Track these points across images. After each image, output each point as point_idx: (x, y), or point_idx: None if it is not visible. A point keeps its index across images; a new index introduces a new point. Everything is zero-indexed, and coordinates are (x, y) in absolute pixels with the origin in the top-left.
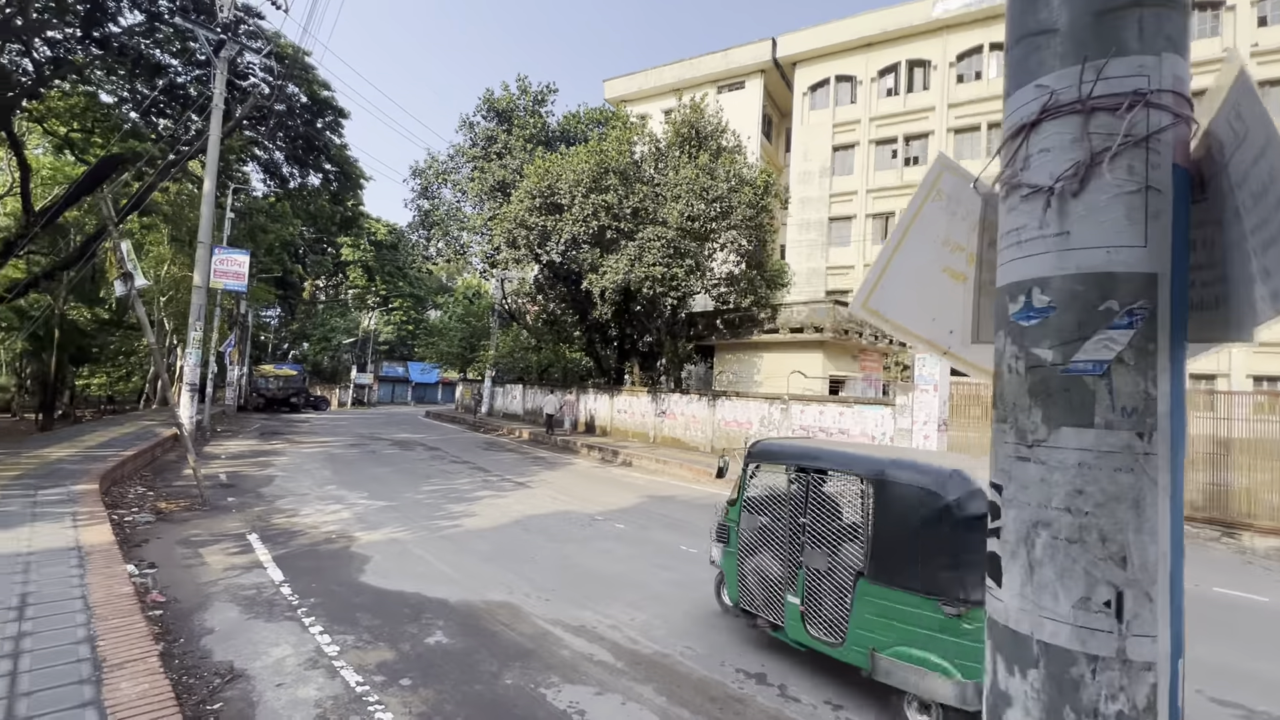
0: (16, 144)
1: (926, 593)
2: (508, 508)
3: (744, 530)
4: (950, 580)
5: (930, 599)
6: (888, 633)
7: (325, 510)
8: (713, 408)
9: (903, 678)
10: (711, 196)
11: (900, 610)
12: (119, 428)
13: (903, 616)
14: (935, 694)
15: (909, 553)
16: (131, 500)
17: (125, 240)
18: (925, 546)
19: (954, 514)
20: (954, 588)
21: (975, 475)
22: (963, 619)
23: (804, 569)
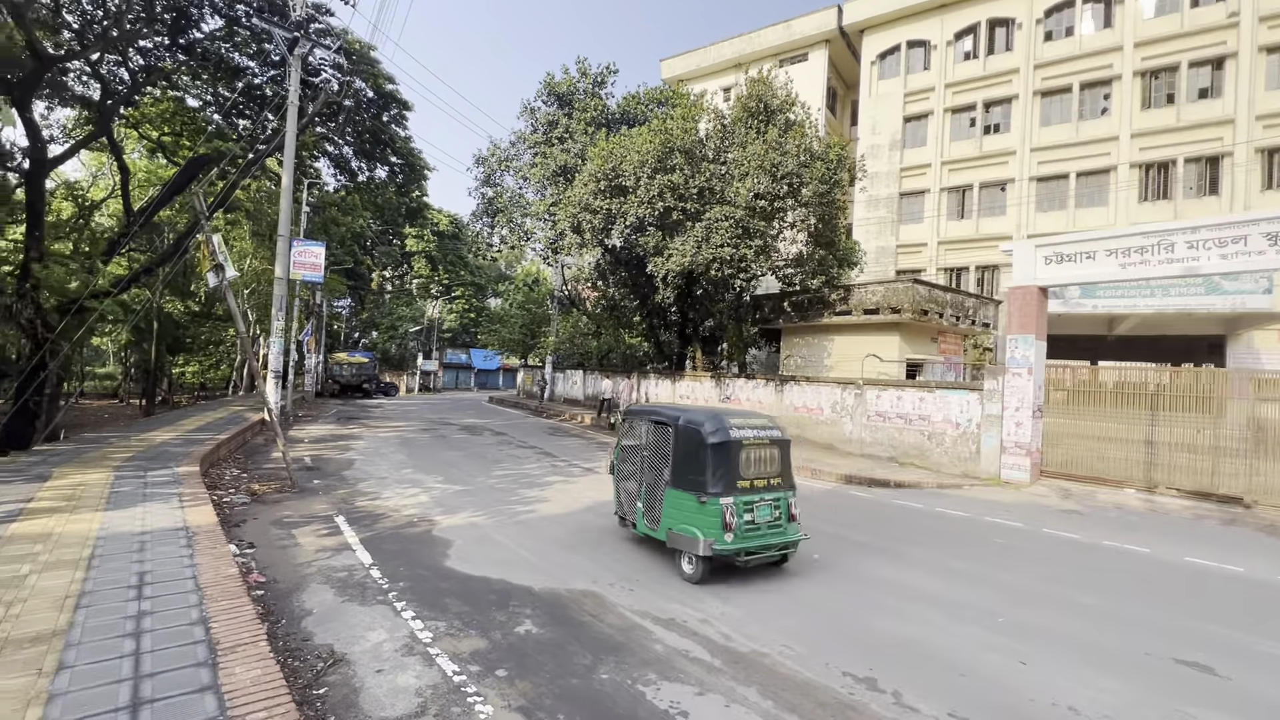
0: (117, 149)
1: (691, 490)
2: (579, 494)
3: (619, 465)
4: (701, 482)
5: (691, 494)
6: (675, 517)
7: (404, 494)
8: (780, 393)
9: (678, 541)
10: (781, 173)
11: (681, 503)
12: (212, 413)
13: (681, 506)
14: (693, 549)
15: (686, 468)
16: (228, 482)
17: (216, 233)
18: (692, 463)
19: (707, 442)
20: (703, 487)
21: (730, 420)
22: (706, 505)
23: (644, 485)
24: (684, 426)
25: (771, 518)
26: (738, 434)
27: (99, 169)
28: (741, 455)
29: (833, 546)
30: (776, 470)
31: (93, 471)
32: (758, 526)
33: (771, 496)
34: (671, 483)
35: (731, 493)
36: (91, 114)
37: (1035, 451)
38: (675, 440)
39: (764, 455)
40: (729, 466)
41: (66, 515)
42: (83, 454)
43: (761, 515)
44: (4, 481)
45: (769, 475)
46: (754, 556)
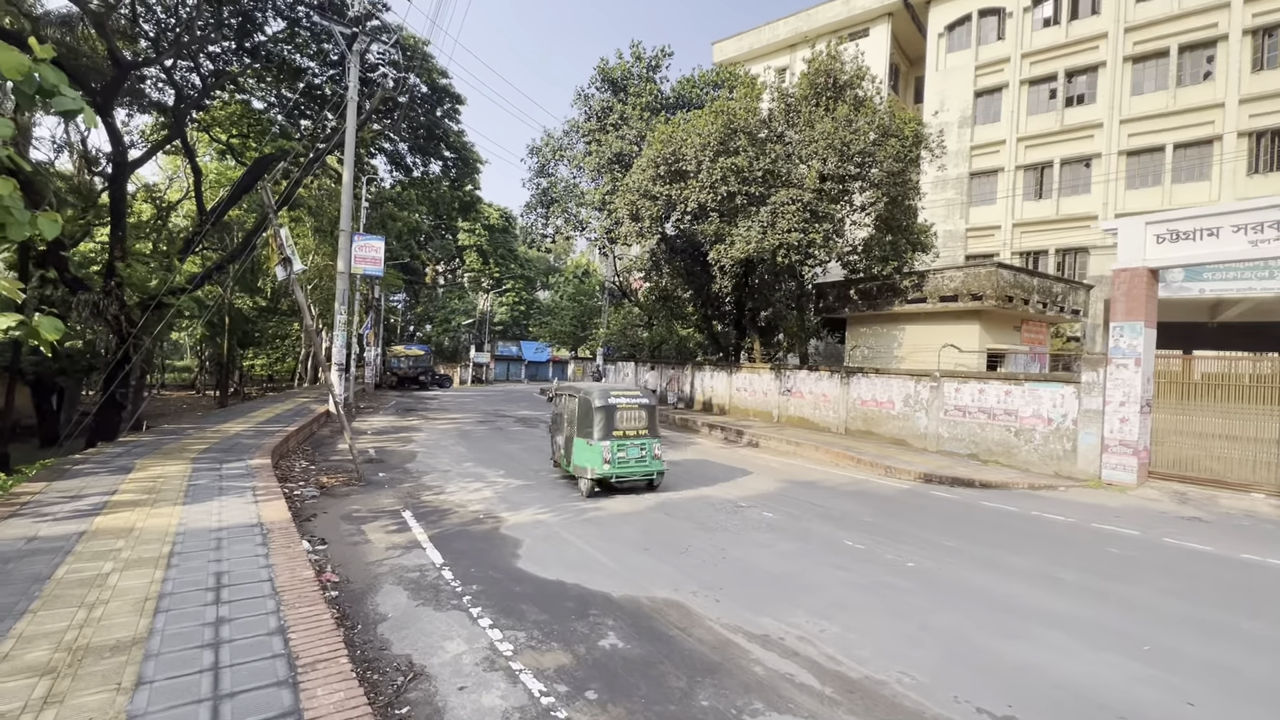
0: (190, 151)
1: (586, 437)
2: (643, 491)
3: (552, 425)
4: (591, 431)
5: (585, 440)
6: (578, 456)
7: (468, 488)
8: (846, 385)
9: (579, 471)
10: (852, 152)
11: (581, 446)
12: (280, 405)
13: (581, 448)
14: (584, 475)
15: (584, 423)
16: (298, 474)
17: (284, 226)
18: (587, 420)
19: (594, 405)
20: (591, 434)
21: (611, 391)
22: (593, 446)
23: (565, 436)
24: (583, 397)
25: (639, 455)
26: (614, 400)
27: (174, 172)
28: (617, 414)
29: (924, 552)
30: (644, 425)
31: (171, 463)
32: (628, 461)
33: (639, 442)
34: (576, 433)
35: (609, 438)
36: (167, 118)
37: (1143, 451)
38: (579, 406)
39: (634, 415)
40: (608, 421)
41: (147, 509)
42: (162, 446)
43: (631, 454)
44: (91, 473)
45: (638, 428)
46: (625, 481)
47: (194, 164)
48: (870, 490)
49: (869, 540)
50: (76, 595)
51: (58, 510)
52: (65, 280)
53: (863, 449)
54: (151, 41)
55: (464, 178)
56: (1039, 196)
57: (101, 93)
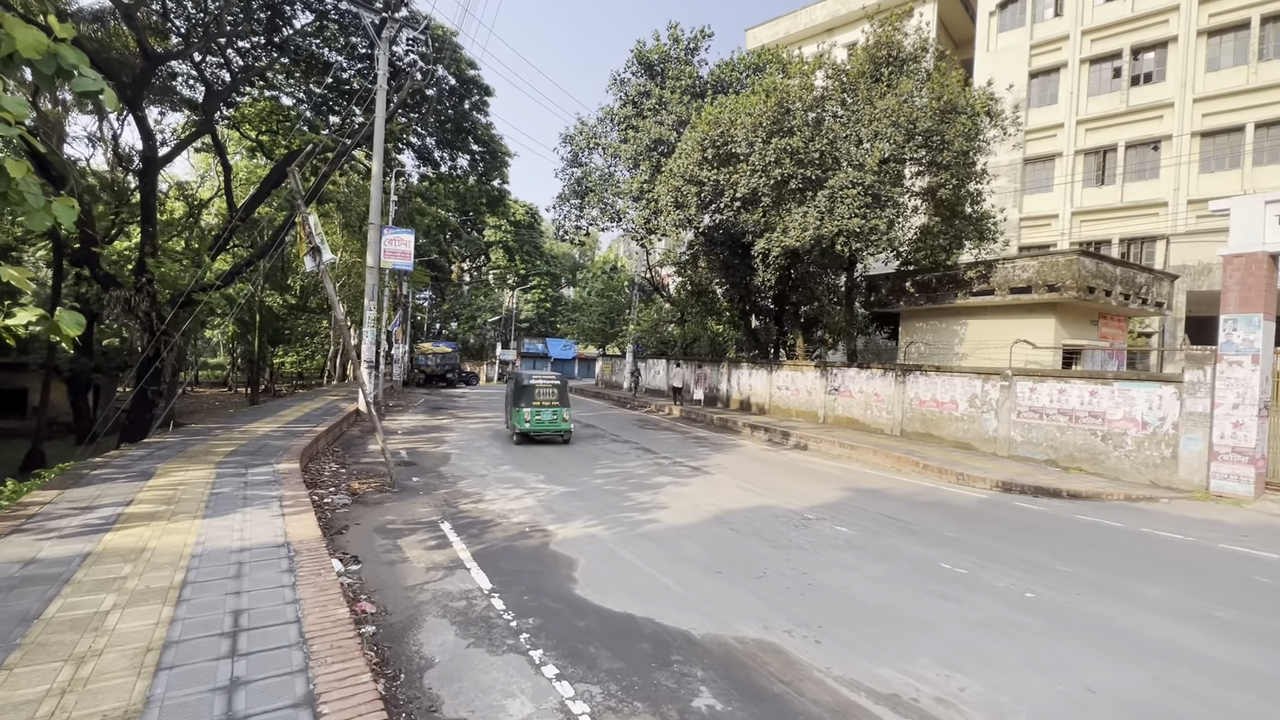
0: (220, 147)
1: (517, 406)
2: (698, 499)
3: (506, 400)
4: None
5: (515, 407)
6: (514, 418)
7: (508, 495)
8: (902, 384)
9: (512, 428)
10: (918, 130)
11: (515, 411)
12: (310, 403)
13: (515, 413)
14: (513, 431)
15: (517, 396)
16: (327, 479)
17: (313, 214)
18: (519, 394)
19: (522, 384)
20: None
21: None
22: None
23: (511, 406)
24: (515, 379)
25: (551, 418)
26: (534, 381)
27: (205, 171)
28: (536, 391)
29: (1039, 579)
30: (556, 398)
31: (195, 468)
32: (543, 421)
33: (551, 409)
34: (513, 403)
35: (530, 406)
36: (196, 114)
37: (1260, 459)
38: (514, 384)
39: (548, 391)
40: (530, 395)
41: (163, 524)
42: (188, 447)
43: (545, 417)
44: (109, 479)
45: (551, 401)
46: (540, 434)
47: (224, 160)
48: (946, 500)
49: (968, 562)
50: (65, 644)
51: (65, 525)
52: (97, 277)
53: (925, 453)
54: (182, 37)
55: (492, 171)
56: (1101, 183)
57: (131, 86)
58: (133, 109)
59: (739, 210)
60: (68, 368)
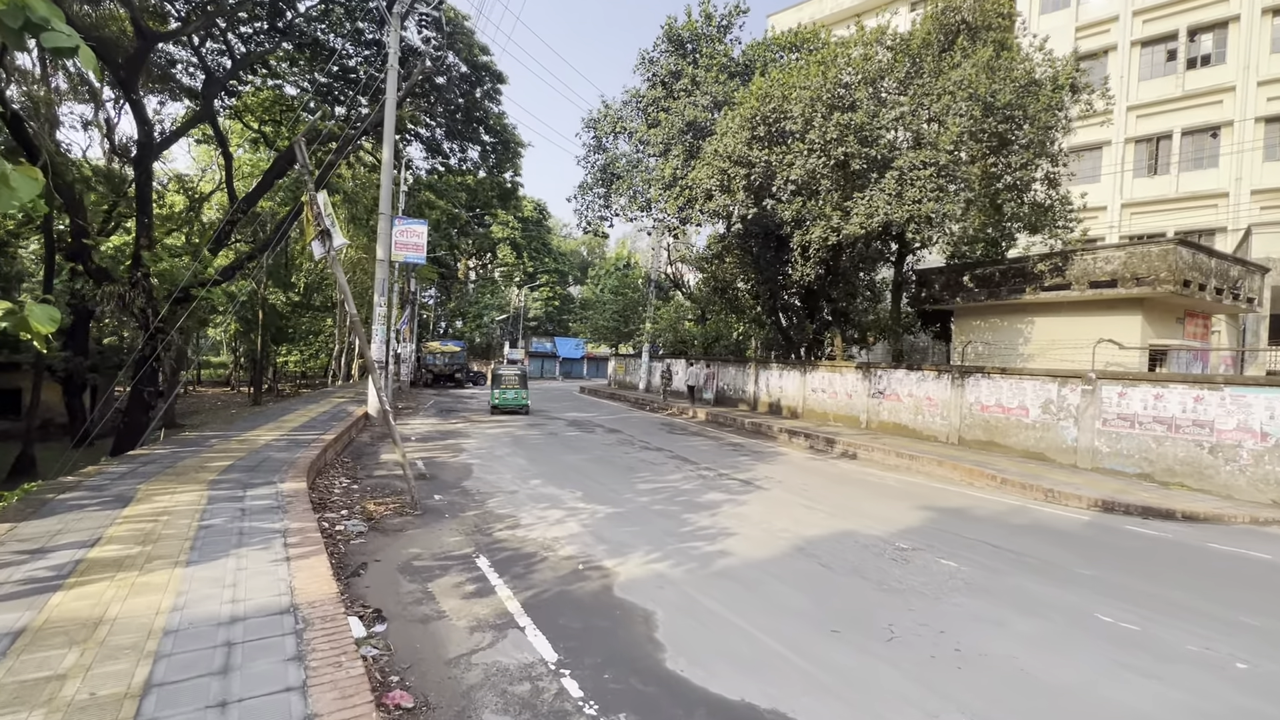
0: (221, 137)
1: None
2: (765, 522)
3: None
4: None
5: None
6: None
7: (548, 518)
8: (960, 387)
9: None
10: (998, 104)
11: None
12: (315, 405)
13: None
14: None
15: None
16: (338, 498)
17: (322, 193)
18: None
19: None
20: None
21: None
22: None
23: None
24: (496, 368)
25: (514, 396)
26: (503, 372)
27: (207, 165)
28: (504, 379)
29: (1236, 639)
30: (518, 383)
31: (184, 489)
32: (507, 397)
33: (514, 390)
34: (492, 386)
35: (499, 389)
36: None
37: None
38: (493, 375)
39: (512, 377)
40: (500, 381)
41: (133, 575)
42: (178, 461)
43: (509, 395)
44: (77, 506)
45: (515, 385)
46: (505, 408)
47: (225, 149)
48: (1045, 523)
49: (1128, 613)
50: None
51: (6, 577)
52: (90, 271)
53: (994, 464)
54: (181, 21)
55: (504, 163)
56: (1153, 172)
57: (126, 67)
58: (127, 92)
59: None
60: (62, 367)
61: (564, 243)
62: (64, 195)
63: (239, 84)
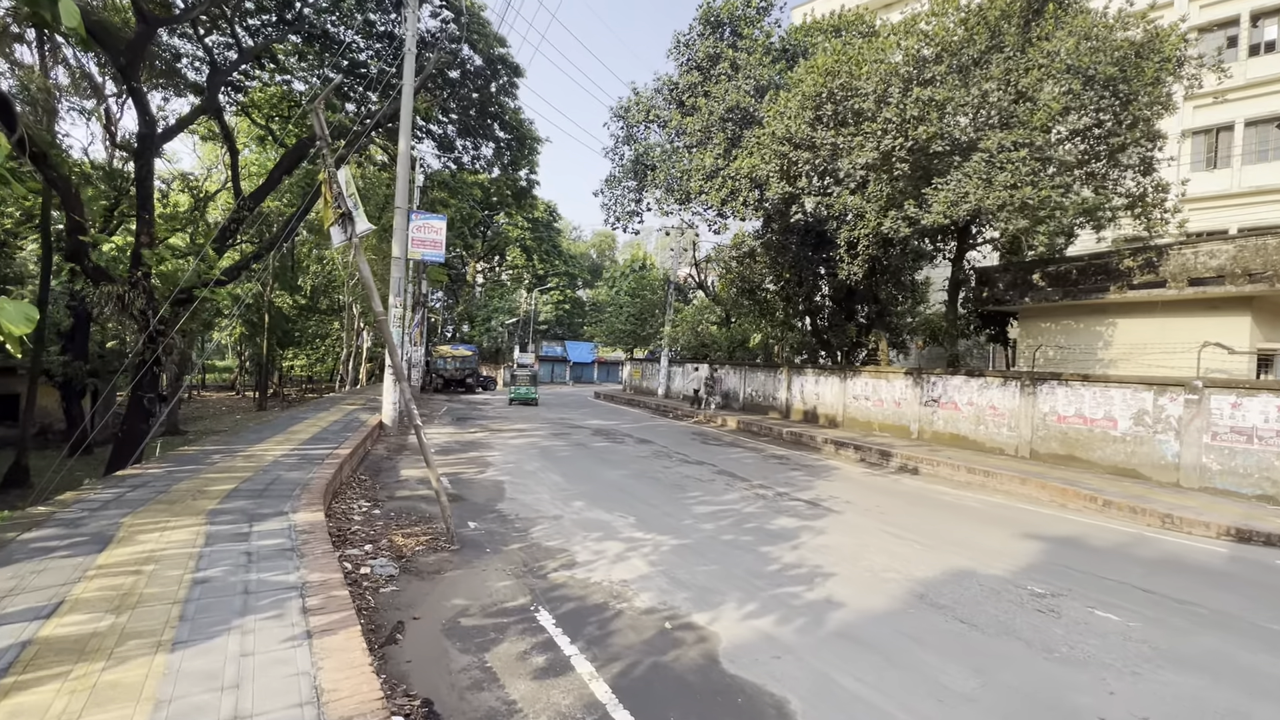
0: (227, 132)
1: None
2: (859, 557)
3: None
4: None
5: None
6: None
7: (605, 552)
8: (1031, 396)
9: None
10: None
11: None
12: (324, 414)
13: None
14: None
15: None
16: (359, 527)
17: (344, 169)
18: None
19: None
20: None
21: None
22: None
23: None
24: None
25: (527, 392)
26: (519, 373)
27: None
28: (519, 378)
29: None
30: (530, 382)
31: (177, 523)
32: (523, 394)
33: (527, 386)
34: (510, 384)
35: (514, 386)
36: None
37: None
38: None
39: (526, 378)
40: (516, 380)
41: (98, 669)
42: (173, 485)
43: (523, 390)
44: (44, 549)
45: (527, 383)
46: (519, 400)
47: (230, 144)
48: (1180, 557)
49: None
50: None
51: None
52: (86, 270)
53: (1085, 482)
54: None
55: (519, 161)
56: (1212, 166)
57: (126, 52)
58: (127, 79)
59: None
60: (60, 372)
61: (573, 245)
62: (59, 189)
63: (246, 79)
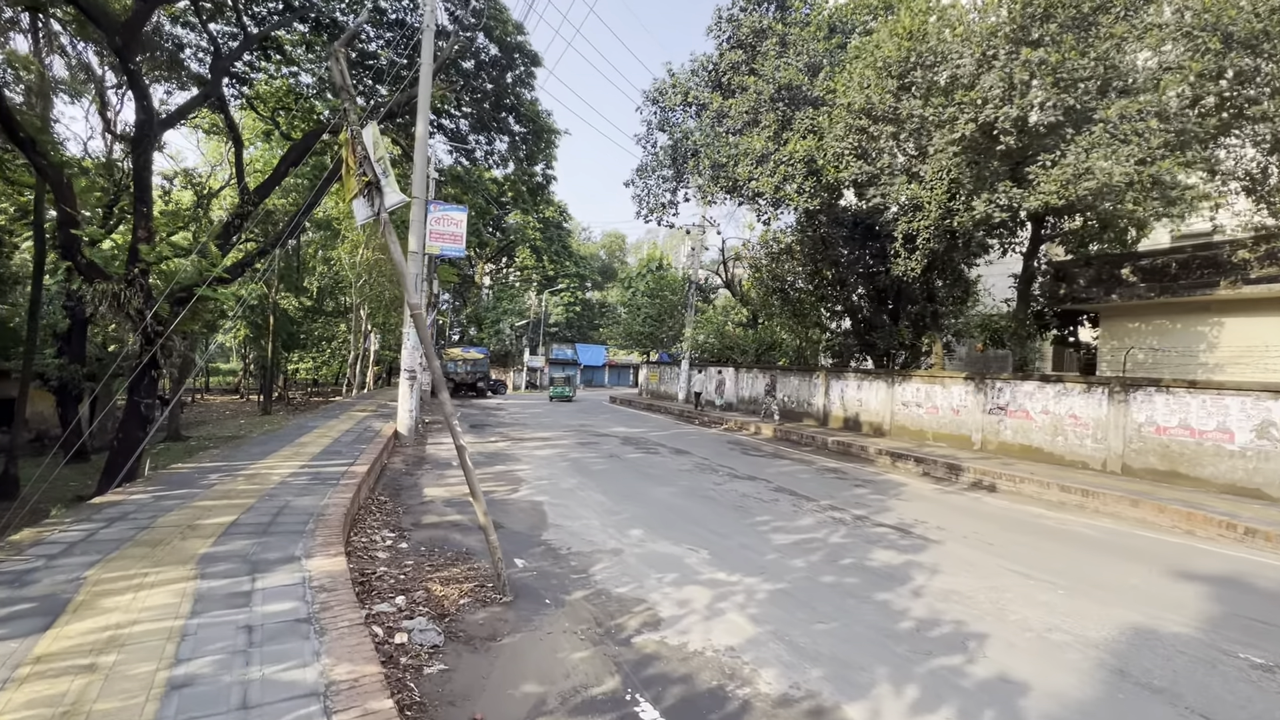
0: (231, 122)
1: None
2: (1003, 609)
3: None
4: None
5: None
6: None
7: (691, 603)
8: (1123, 403)
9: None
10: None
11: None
12: (334, 420)
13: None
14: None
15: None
16: (386, 573)
17: (370, 125)
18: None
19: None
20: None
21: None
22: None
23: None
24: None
25: (563, 390)
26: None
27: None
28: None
29: None
30: (565, 383)
31: (157, 576)
32: (560, 392)
33: (564, 386)
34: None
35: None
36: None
37: None
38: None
39: (563, 379)
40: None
41: None
42: (161, 514)
43: (560, 390)
44: None
45: (563, 384)
46: (557, 398)
47: (234, 134)
48: None
49: None
50: None
51: None
52: (79, 266)
53: (1211, 504)
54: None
55: (536, 155)
56: None
57: (123, 31)
58: (124, 61)
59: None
60: (56, 375)
61: (582, 246)
62: (49, 178)
63: (251, 70)
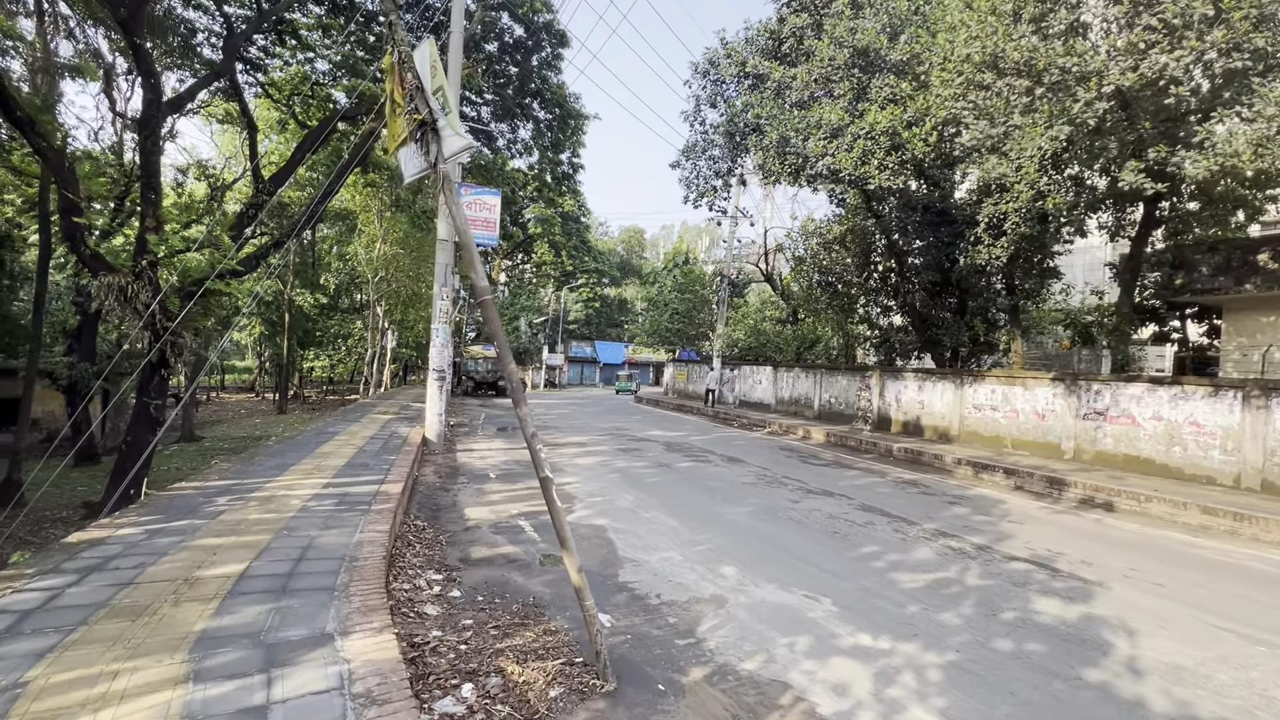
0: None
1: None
2: (1250, 690)
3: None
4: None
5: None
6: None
7: (850, 690)
8: (1262, 410)
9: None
10: None
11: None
12: (355, 425)
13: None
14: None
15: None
16: (441, 642)
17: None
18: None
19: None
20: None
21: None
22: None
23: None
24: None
25: (628, 385)
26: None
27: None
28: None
29: None
30: (630, 380)
31: (130, 679)
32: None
33: (627, 383)
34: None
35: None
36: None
37: None
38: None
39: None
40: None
41: None
42: (152, 561)
43: (625, 385)
44: None
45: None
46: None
47: (248, 117)
48: None
49: None
50: None
51: None
52: (83, 257)
53: None
54: None
55: (563, 143)
56: None
57: (128, 3)
58: (129, 35)
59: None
60: (65, 374)
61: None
62: (50, 161)
63: (266, 55)
